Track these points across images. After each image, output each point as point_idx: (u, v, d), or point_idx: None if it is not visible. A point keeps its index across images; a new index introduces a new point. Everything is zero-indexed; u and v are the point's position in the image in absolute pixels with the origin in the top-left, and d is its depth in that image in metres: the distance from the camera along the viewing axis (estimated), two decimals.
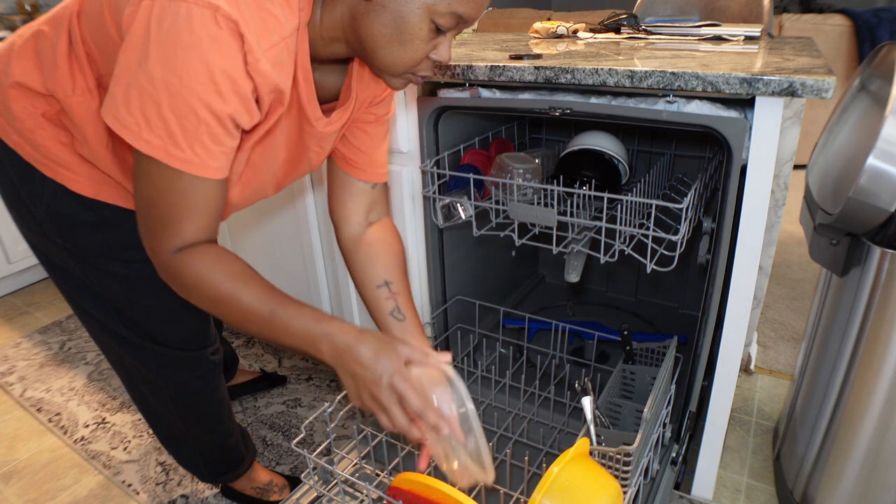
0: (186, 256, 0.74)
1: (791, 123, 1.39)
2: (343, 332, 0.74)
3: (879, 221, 0.90)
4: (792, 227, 2.70)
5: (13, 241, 2.41)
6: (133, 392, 1.18)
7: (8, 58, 0.84)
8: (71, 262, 0.96)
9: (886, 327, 0.96)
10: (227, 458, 1.27)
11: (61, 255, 0.96)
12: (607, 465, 0.96)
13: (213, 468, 1.28)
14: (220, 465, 1.27)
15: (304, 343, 0.75)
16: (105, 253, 0.95)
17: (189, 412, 1.16)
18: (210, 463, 1.26)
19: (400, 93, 1.27)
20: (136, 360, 1.07)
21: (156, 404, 1.16)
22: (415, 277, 1.45)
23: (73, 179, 0.89)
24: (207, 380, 1.15)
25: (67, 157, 0.87)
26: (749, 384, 1.67)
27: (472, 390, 1.44)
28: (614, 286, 1.96)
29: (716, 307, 1.13)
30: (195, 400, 1.15)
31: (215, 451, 1.25)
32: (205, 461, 1.26)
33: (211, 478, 1.31)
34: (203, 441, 1.22)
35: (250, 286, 0.75)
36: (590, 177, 1.36)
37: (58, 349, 2.06)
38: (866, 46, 3.04)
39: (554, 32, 1.66)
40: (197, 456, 1.25)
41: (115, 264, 0.96)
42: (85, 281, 0.98)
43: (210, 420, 1.19)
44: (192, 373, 1.12)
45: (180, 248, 0.74)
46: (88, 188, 0.90)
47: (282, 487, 1.36)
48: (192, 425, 1.18)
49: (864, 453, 1.05)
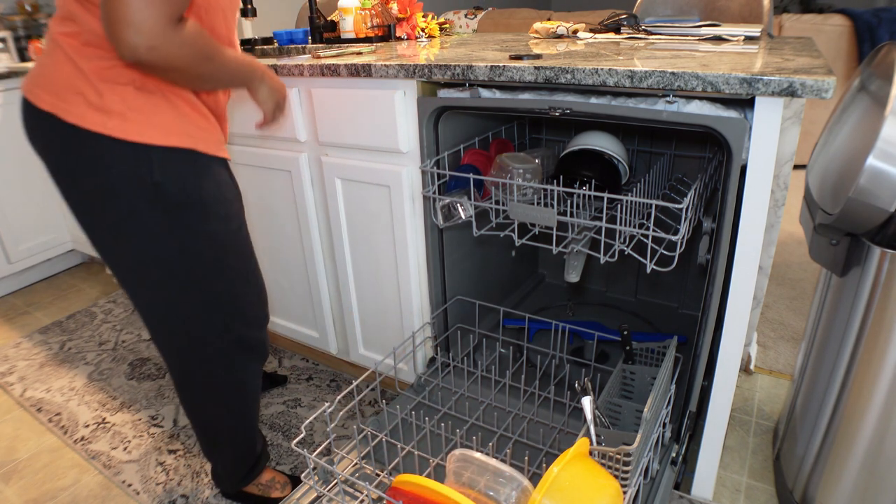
0: (189, 22, 0.85)
1: (791, 123, 1.39)
2: (265, 66, 1.10)
3: (879, 221, 0.90)
4: (792, 227, 2.70)
5: (13, 241, 2.42)
6: (190, 392, 1.20)
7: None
8: (170, 240, 1.01)
9: (886, 327, 0.96)
10: (252, 460, 1.31)
11: (163, 242, 1.00)
12: (607, 465, 0.96)
13: (242, 472, 1.31)
14: (247, 468, 1.31)
15: (255, 71, 1.05)
16: (205, 209, 1.02)
17: (246, 416, 1.24)
18: (240, 467, 1.30)
19: (400, 93, 1.27)
20: (214, 354, 1.14)
21: (213, 403, 1.20)
22: (414, 277, 1.45)
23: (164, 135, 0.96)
24: (258, 372, 1.24)
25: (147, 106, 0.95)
26: (749, 384, 1.67)
27: (472, 390, 1.45)
28: (614, 286, 1.96)
29: (716, 307, 1.13)
30: (250, 401, 1.23)
31: (248, 452, 1.29)
32: (236, 465, 1.29)
33: (236, 484, 1.32)
34: (243, 440, 1.27)
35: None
36: (590, 177, 1.36)
37: (58, 349, 2.06)
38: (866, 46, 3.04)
39: (554, 32, 1.66)
40: (233, 459, 1.28)
41: (211, 223, 1.04)
42: (179, 265, 1.03)
43: (253, 416, 1.27)
44: (258, 361, 1.22)
45: (180, 17, 0.84)
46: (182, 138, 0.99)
47: (283, 485, 1.37)
48: (239, 421, 1.24)
49: (864, 453, 1.05)
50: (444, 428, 1.31)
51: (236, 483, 1.32)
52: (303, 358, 1.93)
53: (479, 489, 0.87)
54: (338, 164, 1.44)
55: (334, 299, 1.68)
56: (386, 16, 1.83)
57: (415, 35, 1.90)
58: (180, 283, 1.05)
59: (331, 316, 1.71)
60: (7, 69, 2.30)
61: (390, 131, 1.31)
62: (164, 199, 0.98)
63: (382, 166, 1.37)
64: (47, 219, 2.53)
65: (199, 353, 1.13)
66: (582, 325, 1.68)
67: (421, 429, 1.34)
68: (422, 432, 1.33)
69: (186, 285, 1.06)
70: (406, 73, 1.23)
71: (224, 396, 1.20)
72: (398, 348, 1.56)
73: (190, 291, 1.06)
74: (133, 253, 1.02)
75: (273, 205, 1.64)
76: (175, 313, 1.08)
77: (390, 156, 1.36)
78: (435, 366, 1.49)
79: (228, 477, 1.31)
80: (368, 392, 1.71)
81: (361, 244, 1.52)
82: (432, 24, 1.96)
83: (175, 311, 1.08)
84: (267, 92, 1.11)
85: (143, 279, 1.05)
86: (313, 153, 1.50)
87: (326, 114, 1.40)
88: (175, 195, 0.98)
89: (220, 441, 1.26)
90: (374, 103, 1.31)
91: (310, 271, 1.66)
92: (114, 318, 2.26)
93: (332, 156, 1.46)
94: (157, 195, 0.97)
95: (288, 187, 1.57)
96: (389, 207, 1.41)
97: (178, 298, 1.06)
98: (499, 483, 0.87)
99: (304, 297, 1.73)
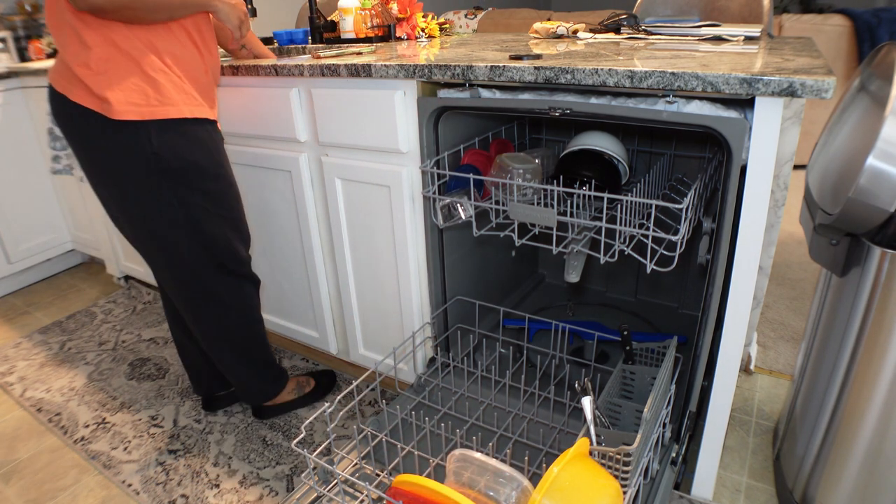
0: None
1: (791, 123, 1.39)
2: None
3: (879, 221, 0.90)
4: (792, 227, 2.70)
5: (13, 241, 2.41)
6: (206, 322, 1.44)
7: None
8: (187, 203, 1.28)
9: (886, 327, 0.96)
10: (274, 371, 1.60)
11: (176, 206, 1.27)
12: (607, 465, 0.96)
13: (271, 382, 1.59)
14: (273, 378, 1.59)
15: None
16: (203, 172, 1.28)
17: (253, 327, 1.50)
18: (267, 377, 1.58)
19: (400, 93, 1.27)
20: (225, 287, 1.41)
21: (235, 327, 1.47)
22: (414, 277, 1.45)
23: (174, 109, 1.21)
24: (255, 295, 1.51)
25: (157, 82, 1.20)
26: (749, 384, 1.67)
27: (472, 390, 1.45)
28: (614, 286, 1.96)
29: (716, 307, 1.13)
30: (256, 315, 1.50)
31: (268, 363, 1.57)
32: (262, 377, 1.57)
33: (270, 393, 1.60)
34: (260, 351, 1.54)
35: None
36: (590, 177, 1.36)
37: (58, 349, 2.06)
38: (866, 46, 3.04)
39: (554, 33, 1.66)
40: (259, 373, 1.55)
41: (207, 182, 1.30)
42: (194, 219, 1.30)
43: (262, 334, 1.54)
44: (255, 288, 1.49)
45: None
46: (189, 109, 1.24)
47: (308, 381, 1.69)
48: (254, 342, 1.51)
49: (864, 453, 1.05)
50: (444, 428, 1.31)
51: (269, 392, 1.59)
52: (303, 358, 1.93)
53: (479, 489, 0.87)
54: (338, 164, 1.44)
55: (334, 299, 1.68)
56: (386, 16, 1.83)
57: (415, 35, 1.90)
58: (184, 232, 1.30)
59: (331, 316, 1.71)
60: (7, 69, 2.30)
61: (390, 131, 1.31)
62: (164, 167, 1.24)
63: (382, 166, 1.37)
64: (47, 219, 2.53)
65: (204, 285, 1.39)
66: (582, 325, 1.68)
67: (421, 429, 1.34)
68: (422, 432, 1.33)
69: (189, 234, 1.31)
70: (406, 74, 1.23)
71: (234, 312, 1.45)
72: (398, 348, 1.56)
73: (193, 238, 1.32)
74: (146, 212, 1.28)
75: (273, 205, 1.64)
76: (181, 257, 1.34)
77: (390, 156, 1.36)
78: (435, 366, 1.49)
79: (259, 388, 1.57)
80: (368, 392, 1.71)
81: (361, 244, 1.52)
82: (432, 24, 1.96)
83: (181, 255, 1.33)
84: (226, 10, 1.27)
85: (154, 231, 1.30)
86: (313, 153, 1.50)
87: (326, 114, 1.40)
88: (171, 162, 1.23)
89: (242, 354, 1.50)
90: (374, 103, 1.31)
91: (310, 271, 1.66)
92: (114, 318, 2.26)
93: (333, 156, 1.46)
94: (158, 164, 1.23)
95: (288, 187, 1.57)
96: (389, 207, 1.41)
97: (183, 245, 1.32)
98: (499, 483, 0.87)
99: (304, 297, 1.73)
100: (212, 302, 1.42)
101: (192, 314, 1.44)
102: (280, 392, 1.62)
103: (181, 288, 1.40)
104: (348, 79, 1.33)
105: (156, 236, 1.31)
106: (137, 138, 1.18)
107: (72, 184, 2.39)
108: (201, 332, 1.46)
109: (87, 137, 1.21)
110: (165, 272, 1.39)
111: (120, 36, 1.15)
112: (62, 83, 1.18)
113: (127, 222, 1.33)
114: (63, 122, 1.22)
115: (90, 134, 1.20)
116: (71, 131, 1.23)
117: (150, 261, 1.39)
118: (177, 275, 1.38)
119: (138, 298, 2.41)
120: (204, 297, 1.41)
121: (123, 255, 2.37)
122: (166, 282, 1.41)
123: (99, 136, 1.19)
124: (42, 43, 2.68)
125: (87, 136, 1.21)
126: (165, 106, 1.19)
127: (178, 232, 1.31)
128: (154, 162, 1.21)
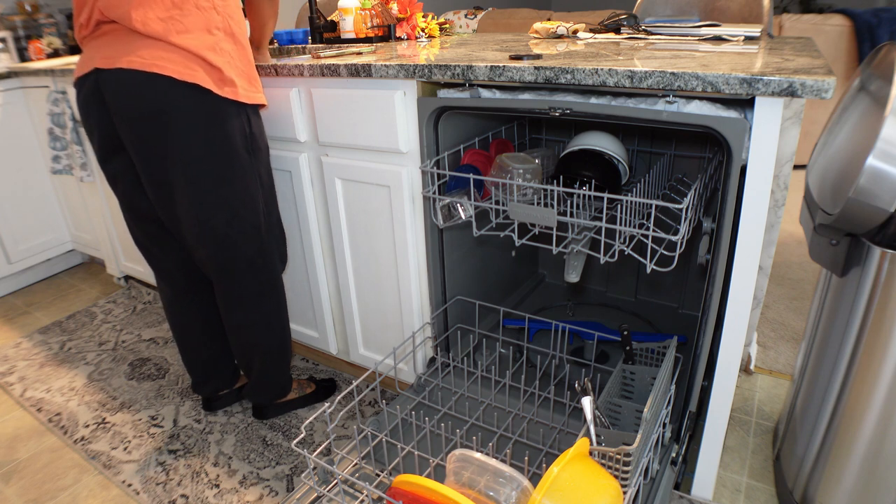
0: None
1: (791, 123, 1.39)
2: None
3: (879, 221, 0.90)
4: (792, 227, 2.70)
5: (13, 241, 2.42)
6: (262, 311, 1.46)
7: None
8: (265, 186, 1.39)
9: (886, 327, 0.96)
10: (289, 369, 1.64)
11: (258, 187, 1.36)
12: (607, 465, 0.96)
13: (288, 378, 1.63)
14: (289, 374, 1.64)
15: None
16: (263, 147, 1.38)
17: (288, 317, 1.57)
18: (287, 372, 1.61)
19: (400, 93, 1.27)
20: (279, 275, 1.47)
21: (283, 316, 1.52)
22: (415, 277, 1.45)
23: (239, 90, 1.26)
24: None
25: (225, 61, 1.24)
26: (749, 384, 1.67)
27: (471, 390, 1.45)
28: (614, 286, 1.96)
29: (716, 307, 1.13)
30: (285, 304, 1.54)
31: (289, 360, 1.61)
32: (285, 371, 1.60)
33: (287, 388, 1.63)
34: (290, 348, 1.59)
35: None
36: (590, 177, 1.36)
37: (58, 349, 2.06)
38: (866, 46, 3.04)
39: (554, 33, 1.66)
40: (285, 367, 1.59)
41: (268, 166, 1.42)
42: (269, 202, 1.40)
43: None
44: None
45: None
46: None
47: (308, 384, 1.72)
48: (288, 332, 1.56)
49: (864, 453, 1.05)
50: (444, 428, 1.31)
51: (286, 387, 1.62)
52: (303, 358, 1.93)
53: (478, 489, 0.87)
54: (338, 164, 1.44)
55: (334, 299, 1.68)
56: (386, 16, 1.83)
57: (415, 35, 1.90)
58: (264, 216, 1.39)
59: (331, 316, 1.71)
60: (7, 69, 2.30)
61: (390, 131, 1.31)
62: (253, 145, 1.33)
63: (382, 166, 1.37)
64: (47, 219, 2.53)
65: (270, 271, 1.44)
66: (582, 325, 1.68)
67: (421, 429, 1.34)
68: (422, 432, 1.33)
69: (266, 217, 1.40)
70: (406, 74, 1.23)
71: (284, 301, 1.51)
72: (398, 348, 1.56)
73: (268, 219, 1.41)
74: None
75: None
76: (260, 242, 1.39)
77: (390, 156, 1.36)
78: (435, 366, 1.49)
79: (279, 382, 1.60)
80: (368, 392, 1.71)
81: (361, 244, 1.52)
82: (432, 25, 1.96)
83: (260, 239, 1.39)
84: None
85: (236, 212, 1.33)
86: (313, 153, 1.50)
87: (326, 114, 1.40)
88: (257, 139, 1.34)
89: (280, 345, 1.54)
90: (375, 103, 1.31)
91: (310, 271, 1.66)
92: (114, 318, 2.26)
93: (333, 156, 1.46)
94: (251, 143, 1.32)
95: (288, 187, 1.58)
96: (389, 207, 1.41)
97: (263, 227, 1.39)
98: (499, 483, 0.87)
99: (304, 297, 1.73)
100: (274, 289, 1.45)
101: (244, 302, 1.43)
102: (291, 389, 1.65)
103: (244, 274, 1.39)
104: (348, 79, 1.33)
105: (236, 217, 1.32)
106: (240, 120, 1.27)
107: (72, 184, 2.39)
108: (247, 321, 1.46)
109: (195, 117, 1.20)
110: (230, 260, 1.36)
111: (234, 22, 1.24)
112: (166, 66, 1.15)
113: (200, 211, 1.29)
114: (157, 106, 1.18)
115: (201, 112, 1.21)
116: (169, 113, 1.19)
117: (217, 248, 1.34)
118: (244, 261, 1.38)
119: (138, 298, 2.41)
120: (267, 283, 1.43)
121: (123, 255, 2.37)
122: (224, 271, 1.38)
123: (212, 116, 1.22)
124: (42, 43, 2.68)
125: (195, 116, 1.20)
126: (258, 92, 1.30)
127: (259, 217, 1.37)
128: (250, 141, 1.31)
